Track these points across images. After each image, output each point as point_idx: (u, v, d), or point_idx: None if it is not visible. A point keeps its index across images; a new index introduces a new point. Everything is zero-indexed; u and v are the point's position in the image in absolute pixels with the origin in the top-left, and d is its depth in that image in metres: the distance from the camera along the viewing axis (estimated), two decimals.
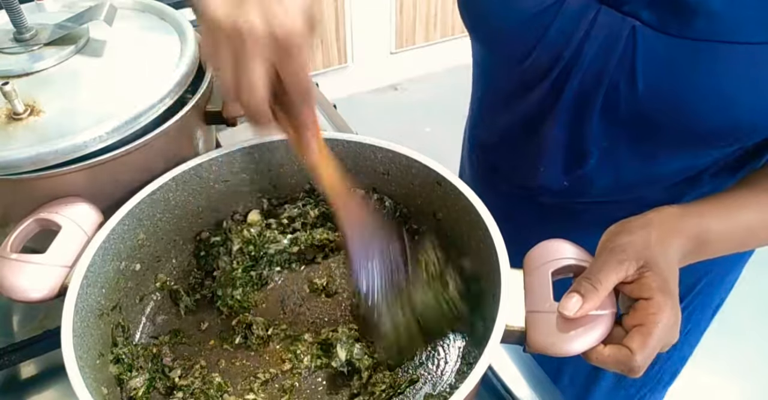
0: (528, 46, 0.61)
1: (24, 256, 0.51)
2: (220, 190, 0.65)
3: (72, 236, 0.54)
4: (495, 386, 0.58)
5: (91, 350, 0.50)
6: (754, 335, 1.88)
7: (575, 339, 0.45)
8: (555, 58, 0.60)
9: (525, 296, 0.49)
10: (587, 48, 0.58)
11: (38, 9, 0.71)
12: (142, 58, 0.64)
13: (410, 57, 2.79)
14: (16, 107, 0.56)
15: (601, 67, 0.57)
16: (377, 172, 0.62)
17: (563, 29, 0.58)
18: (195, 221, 0.65)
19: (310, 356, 0.58)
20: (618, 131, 0.62)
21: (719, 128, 0.55)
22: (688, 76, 0.53)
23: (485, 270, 0.53)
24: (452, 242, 0.59)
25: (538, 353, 0.47)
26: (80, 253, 0.53)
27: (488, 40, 0.68)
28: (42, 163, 0.54)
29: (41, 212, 0.55)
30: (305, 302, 0.63)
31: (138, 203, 0.57)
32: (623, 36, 0.55)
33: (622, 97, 0.58)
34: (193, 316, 0.62)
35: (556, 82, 0.62)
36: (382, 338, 0.54)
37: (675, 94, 0.55)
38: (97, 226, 0.55)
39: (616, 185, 0.68)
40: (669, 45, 0.53)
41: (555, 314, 0.46)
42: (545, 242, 0.51)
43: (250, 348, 0.59)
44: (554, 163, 0.69)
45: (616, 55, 0.56)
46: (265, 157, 0.65)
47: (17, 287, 0.50)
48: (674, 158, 0.63)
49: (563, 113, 0.63)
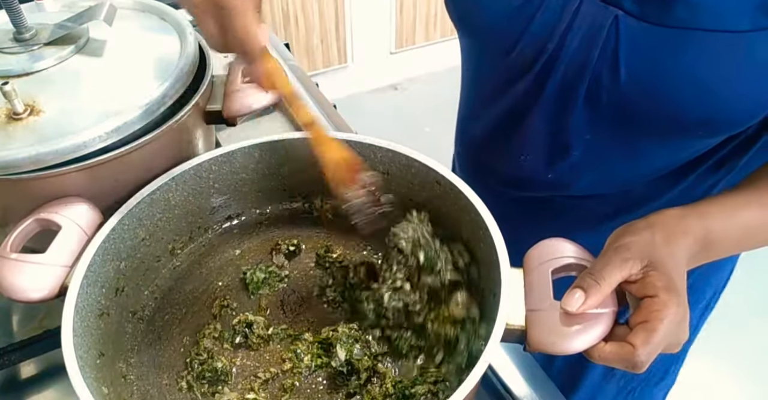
0: (512, 38, 0.62)
1: (24, 256, 0.51)
2: (220, 190, 0.65)
3: (72, 236, 0.54)
4: (494, 385, 0.58)
5: (91, 350, 0.50)
6: (755, 332, 1.88)
7: (576, 337, 0.45)
8: (539, 51, 0.61)
9: (525, 294, 0.49)
10: (570, 39, 0.58)
11: (38, 9, 0.71)
12: (141, 58, 0.64)
13: (410, 57, 2.80)
14: (16, 107, 0.56)
15: (584, 58, 0.58)
16: (377, 171, 0.62)
17: (547, 21, 0.59)
18: (195, 220, 0.65)
19: (311, 356, 0.58)
20: (601, 123, 0.62)
21: (698, 118, 0.56)
22: (669, 65, 0.54)
23: (485, 269, 0.53)
24: (451, 238, 0.59)
25: (539, 351, 0.47)
26: (80, 253, 0.53)
27: (474, 34, 0.69)
28: (42, 163, 0.53)
29: (41, 212, 0.55)
30: (305, 301, 0.64)
31: (138, 202, 0.57)
32: (606, 26, 0.56)
33: (604, 88, 0.58)
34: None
35: (539, 74, 0.62)
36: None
37: (656, 84, 0.55)
38: (96, 226, 0.55)
39: (600, 179, 0.68)
40: (651, 33, 0.54)
41: (555, 313, 0.46)
42: (545, 241, 0.51)
43: (251, 347, 0.59)
44: (538, 155, 0.69)
45: (599, 46, 0.57)
46: (265, 156, 0.65)
47: (17, 287, 0.50)
48: (657, 150, 0.64)
49: (546, 105, 0.64)
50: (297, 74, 0.98)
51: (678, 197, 0.69)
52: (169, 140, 0.61)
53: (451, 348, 0.55)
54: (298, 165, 0.65)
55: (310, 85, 0.97)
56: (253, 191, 0.67)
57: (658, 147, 0.63)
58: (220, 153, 0.62)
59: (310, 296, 0.64)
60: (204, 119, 0.67)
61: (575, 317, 0.45)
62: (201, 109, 0.66)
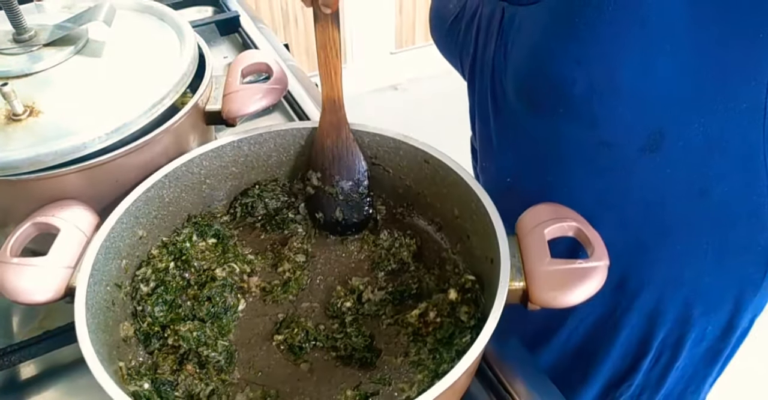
0: (455, 53, 0.68)
1: (26, 259, 0.52)
2: (212, 185, 0.65)
3: (71, 238, 0.54)
4: (492, 381, 0.58)
5: (105, 346, 0.51)
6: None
7: (575, 291, 0.47)
8: (472, 60, 0.65)
9: (523, 256, 0.51)
10: (480, 42, 0.63)
11: (37, 10, 0.71)
12: (141, 59, 0.64)
13: (410, 57, 2.79)
14: (16, 108, 0.56)
15: (487, 56, 0.62)
16: (366, 156, 0.65)
17: (468, 30, 0.64)
18: (190, 216, 0.65)
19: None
20: (508, 120, 0.66)
21: (580, 92, 0.56)
22: (545, 42, 0.56)
23: (478, 239, 0.56)
24: (442, 217, 0.63)
25: (542, 307, 0.49)
26: (81, 253, 0.53)
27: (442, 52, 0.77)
28: (41, 164, 0.54)
29: (38, 216, 0.55)
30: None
31: (134, 200, 0.57)
32: (497, 19, 0.60)
33: (502, 83, 0.62)
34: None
35: (473, 83, 0.67)
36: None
37: (536, 63, 0.57)
38: (94, 227, 0.55)
39: (517, 165, 0.72)
40: (526, 15, 0.57)
41: (554, 271, 0.48)
42: (535, 207, 0.54)
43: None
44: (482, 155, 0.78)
45: (493, 41, 0.61)
46: (254, 149, 0.65)
47: (22, 291, 0.50)
48: (560, 138, 0.64)
49: (478, 111, 0.69)
50: (297, 74, 0.98)
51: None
52: (168, 141, 0.61)
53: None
54: (286, 156, 0.67)
55: (309, 85, 0.97)
56: (243, 185, 0.68)
57: (559, 132, 0.63)
58: (210, 148, 0.62)
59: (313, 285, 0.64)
60: (203, 120, 0.67)
61: (573, 272, 0.48)
62: (200, 110, 0.66)
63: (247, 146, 0.65)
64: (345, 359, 0.57)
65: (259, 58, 0.71)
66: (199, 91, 0.64)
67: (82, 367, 0.45)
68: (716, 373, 0.86)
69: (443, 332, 0.55)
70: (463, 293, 0.56)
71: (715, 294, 0.73)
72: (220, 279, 0.61)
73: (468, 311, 0.55)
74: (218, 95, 0.68)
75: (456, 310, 0.55)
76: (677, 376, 0.83)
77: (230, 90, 0.67)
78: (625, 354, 0.80)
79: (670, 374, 0.82)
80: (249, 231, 0.68)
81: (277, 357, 0.58)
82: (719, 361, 0.84)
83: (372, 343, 0.57)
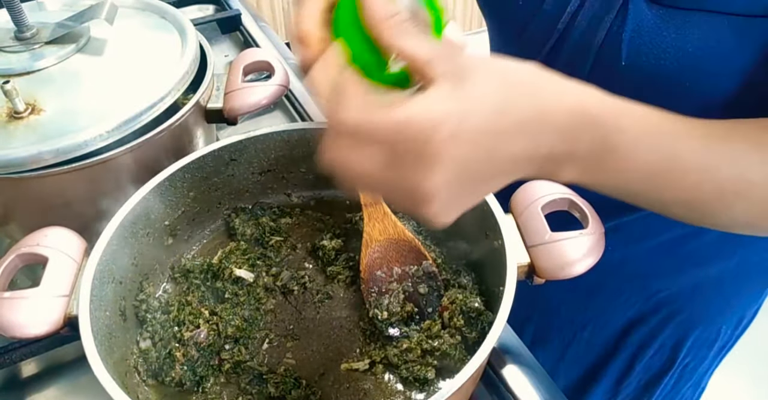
0: (525, 18, 0.61)
1: (17, 292, 0.48)
2: (195, 198, 0.62)
3: (61, 265, 0.50)
4: (497, 385, 0.58)
5: (116, 364, 0.50)
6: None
7: (580, 261, 0.49)
8: (548, 32, 0.60)
9: (522, 234, 0.52)
10: (579, 20, 0.58)
11: (39, 8, 0.71)
12: (142, 57, 0.64)
13: None
14: (17, 106, 0.56)
15: (590, 41, 0.57)
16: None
17: (558, 1, 0.58)
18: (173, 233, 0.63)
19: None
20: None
21: (697, 103, 0.53)
22: (671, 49, 0.53)
23: (476, 222, 0.55)
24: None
25: (549, 279, 0.50)
26: (75, 281, 0.50)
27: (492, 15, 0.69)
28: (43, 162, 0.54)
29: (22, 247, 0.51)
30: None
31: (120, 221, 0.54)
32: (615, 7, 0.55)
33: (605, 72, 0.57)
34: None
35: (547, 58, 0.61)
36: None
37: (657, 67, 0.54)
38: (83, 251, 0.52)
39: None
40: (657, 16, 0.53)
41: (556, 243, 0.50)
42: (526, 185, 0.54)
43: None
44: None
45: (605, 28, 0.56)
46: (236, 155, 0.62)
47: (17, 325, 0.47)
48: None
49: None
50: (298, 75, 0.98)
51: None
52: (170, 139, 0.61)
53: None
54: (290, 159, 0.64)
55: None
56: (226, 195, 0.65)
57: None
58: (190, 160, 0.59)
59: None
60: (205, 118, 0.67)
61: (575, 243, 0.50)
62: (202, 108, 0.66)
63: (228, 155, 0.61)
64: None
65: (260, 56, 0.71)
66: (201, 90, 0.64)
67: (84, 365, 0.45)
68: (716, 365, 0.87)
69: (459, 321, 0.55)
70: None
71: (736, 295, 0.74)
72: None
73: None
74: (219, 93, 0.68)
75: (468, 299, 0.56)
76: (680, 372, 0.83)
77: (231, 88, 0.67)
78: (638, 357, 0.81)
79: (674, 372, 0.82)
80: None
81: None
82: (724, 354, 0.84)
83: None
